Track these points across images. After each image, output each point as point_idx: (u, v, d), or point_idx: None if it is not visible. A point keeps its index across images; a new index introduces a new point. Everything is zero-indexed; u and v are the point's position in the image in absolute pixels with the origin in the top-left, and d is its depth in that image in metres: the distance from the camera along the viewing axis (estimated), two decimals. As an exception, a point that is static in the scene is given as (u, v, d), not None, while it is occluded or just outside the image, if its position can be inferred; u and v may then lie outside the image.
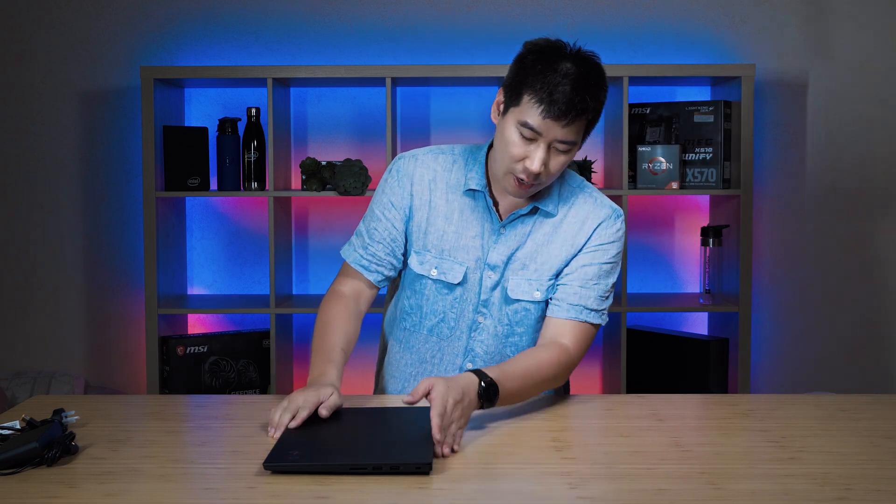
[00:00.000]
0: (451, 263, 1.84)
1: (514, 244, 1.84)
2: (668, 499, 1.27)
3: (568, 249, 1.84)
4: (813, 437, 1.57)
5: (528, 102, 1.68)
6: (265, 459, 1.38)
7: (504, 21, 3.24)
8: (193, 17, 3.25)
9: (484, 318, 1.86)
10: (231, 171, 3.08)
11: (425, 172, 1.87)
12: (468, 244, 1.84)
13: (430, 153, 1.90)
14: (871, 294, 3.29)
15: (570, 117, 1.66)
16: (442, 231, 1.85)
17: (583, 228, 1.84)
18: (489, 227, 1.84)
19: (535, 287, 1.84)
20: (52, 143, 3.28)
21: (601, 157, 3.26)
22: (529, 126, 1.68)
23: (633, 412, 1.73)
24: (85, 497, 1.28)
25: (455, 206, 1.85)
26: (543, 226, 1.84)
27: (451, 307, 1.86)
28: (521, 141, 1.71)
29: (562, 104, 1.65)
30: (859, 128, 3.26)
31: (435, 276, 1.85)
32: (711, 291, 3.08)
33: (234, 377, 3.11)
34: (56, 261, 3.30)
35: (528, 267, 1.84)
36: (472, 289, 1.85)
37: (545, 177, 1.73)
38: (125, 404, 1.84)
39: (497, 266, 1.84)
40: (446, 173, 1.87)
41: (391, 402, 1.80)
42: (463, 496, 1.29)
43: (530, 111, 1.68)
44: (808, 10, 3.24)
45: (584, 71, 1.68)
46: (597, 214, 1.85)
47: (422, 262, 1.86)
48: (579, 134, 1.71)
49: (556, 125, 1.67)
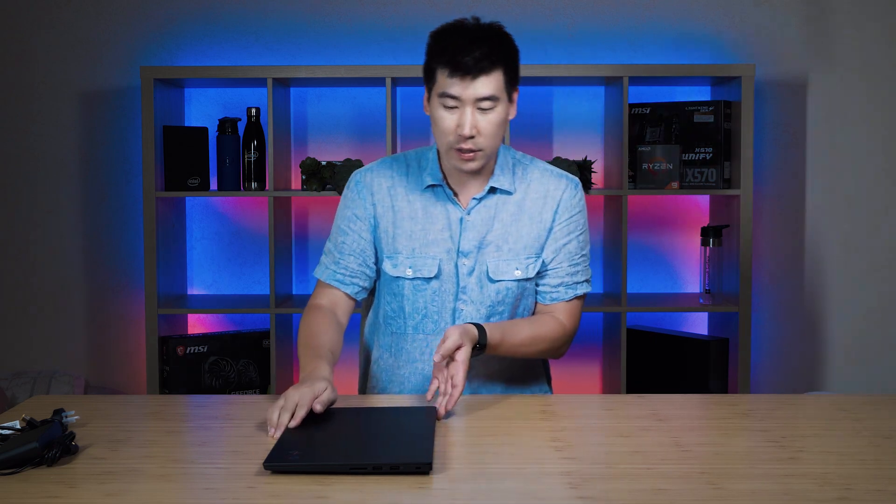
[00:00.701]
0: (424, 259, 1.90)
1: (483, 228, 1.90)
2: (668, 499, 1.27)
3: (538, 226, 1.92)
4: (813, 437, 1.57)
5: (440, 74, 1.77)
6: (265, 459, 1.38)
7: (504, 21, 3.21)
8: (193, 17, 3.25)
9: (465, 304, 1.91)
10: (231, 171, 3.08)
11: (382, 181, 1.93)
12: (437, 237, 1.90)
13: (383, 164, 1.97)
14: (871, 294, 3.29)
15: (476, 71, 1.74)
16: (409, 231, 1.90)
17: (546, 203, 1.92)
18: (454, 217, 1.90)
19: (515, 266, 1.91)
20: (52, 143, 3.28)
21: (601, 157, 3.26)
22: (448, 94, 1.76)
23: (633, 412, 1.73)
24: (85, 497, 1.28)
25: (418, 206, 1.91)
26: (507, 205, 1.91)
27: (430, 301, 1.91)
28: (447, 113, 1.78)
29: (464, 61, 1.74)
30: (859, 128, 3.26)
31: (410, 275, 1.90)
32: (711, 291, 3.08)
33: (234, 377, 3.11)
34: (56, 261, 3.30)
35: (503, 248, 1.91)
36: (449, 279, 1.90)
37: (483, 140, 1.79)
38: (125, 404, 1.84)
39: (470, 252, 1.90)
40: (403, 178, 1.93)
41: (391, 402, 1.81)
42: (463, 496, 1.29)
43: (443, 81, 1.76)
44: (808, 10, 3.24)
45: (481, 28, 1.79)
46: (556, 186, 1.93)
47: (395, 265, 1.91)
48: (498, 89, 1.77)
49: (467, 82, 1.75)
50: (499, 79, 1.77)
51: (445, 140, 1.80)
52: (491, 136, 1.80)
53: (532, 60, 3.21)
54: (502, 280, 1.91)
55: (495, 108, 1.78)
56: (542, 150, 3.26)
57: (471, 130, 1.76)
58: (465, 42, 1.75)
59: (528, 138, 3.24)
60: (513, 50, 1.82)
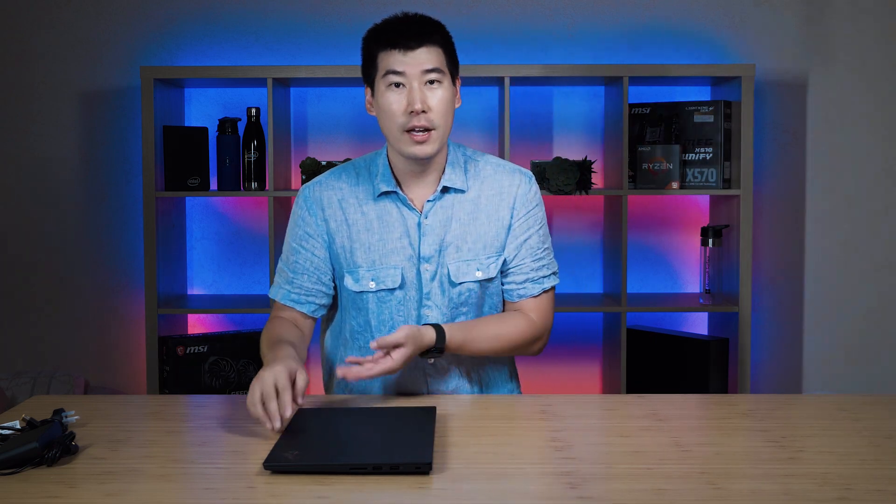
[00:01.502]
0: (386, 270, 1.87)
1: (441, 231, 1.87)
2: (668, 499, 1.27)
3: (496, 224, 1.90)
4: (813, 437, 1.57)
5: (382, 57, 1.79)
6: (265, 459, 1.38)
7: (504, 21, 3.24)
8: (193, 17, 3.25)
9: (429, 309, 1.88)
10: (231, 171, 3.08)
11: (332, 194, 1.90)
12: (395, 246, 1.87)
13: (331, 176, 1.94)
14: (871, 294, 3.29)
15: (416, 42, 1.77)
16: (367, 243, 1.87)
17: (503, 201, 1.90)
18: (412, 223, 1.87)
19: (476, 267, 1.89)
20: (52, 143, 3.28)
21: (601, 157, 3.26)
22: (393, 70, 1.77)
23: (633, 412, 1.73)
24: (85, 497, 1.28)
25: (372, 216, 1.88)
26: (464, 205, 1.89)
27: (396, 311, 1.88)
28: (395, 95, 1.78)
29: (403, 34, 1.77)
30: (859, 128, 3.26)
31: (374, 287, 1.87)
32: (711, 291, 3.08)
33: (234, 377, 3.11)
34: (56, 261, 3.30)
35: (462, 249, 1.88)
36: (412, 286, 1.88)
37: (435, 116, 1.79)
38: (125, 404, 1.84)
39: (432, 257, 1.87)
40: (353, 188, 1.90)
41: (391, 402, 1.80)
42: (463, 496, 1.29)
43: (385, 59, 1.79)
44: (808, 10, 3.24)
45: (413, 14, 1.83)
46: (510, 182, 1.92)
47: (357, 280, 1.88)
48: (441, 63, 1.79)
49: (411, 57, 1.77)
50: (440, 54, 1.80)
51: (396, 122, 1.79)
52: (442, 114, 1.79)
53: (532, 60, 3.21)
54: (464, 282, 1.88)
55: (443, 84, 1.79)
56: (542, 150, 3.26)
57: (422, 105, 1.76)
58: (400, 22, 1.80)
59: (528, 138, 3.24)
60: (447, 33, 1.85)
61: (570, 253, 3.27)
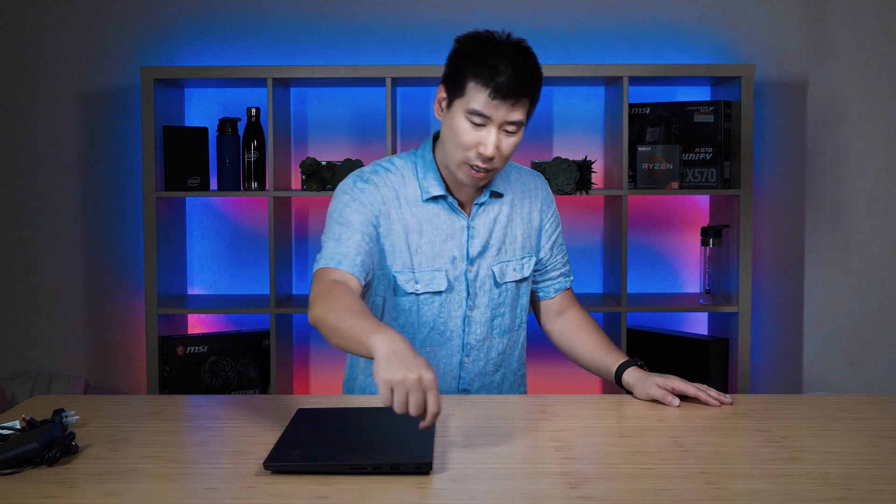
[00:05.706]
0: (432, 273, 1.87)
1: (485, 233, 1.91)
2: (668, 499, 1.27)
3: (528, 226, 1.97)
4: (813, 437, 1.57)
5: (474, 90, 1.74)
6: (265, 459, 1.38)
7: (504, 21, 3.23)
8: (193, 17, 3.25)
9: (472, 311, 1.91)
10: (231, 171, 3.08)
11: (386, 192, 1.86)
12: (442, 248, 1.88)
13: (376, 175, 1.87)
14: (871, 294, 3.29)
15: (515, 97, 1.73)
16: (417, 245, 1.87)
17: (532, 203, 1.98)
18: (459, 226, 1.89)
19: (513, 267, 1.95)
20: (52, 143, 3.28)
21: (601, 157, 3.26)
22: (478, 112, 1.74)
23: (633, 412, 1.73)
24: (85, 497, 1.28)
25: (422, 218, 1.87)
26: (502, 207, 1.94)
27: (438, 313, 1.89)
28: (471, 128, 1.76)
29: (506, 85, 1.72)
30: (859, 128, 3.26)
31: (420, 290, 1.87)
32: (711, 291, 3.08)
33: (234, 377, 3.11)
34: (56, 261, 3.30)
35: (503, 250, 1.93)
36: (459, 289, 1.89)
37: (499, 160, 1.79)
38: (125, 404, 1.84)
39: (476, 259, 1.91)
40: (402, 189, 1.88)
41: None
42: (463, 496, 1.29)
43: (477, 97, 1.74)
44: (808, 10, 3.24)
45: (521, 52, 1.76)
46: (534, 184, 2.00)
47: (407, 281, 1.86)
48: (525, 114, 1.78)
49: (503, 106, 1.73)
50: (527, 105, 1.78)
51: (462, 155, 1.78)
52: (507, 158, 1.81)
53: (532, 60, 3.21)
54: (506, 282, 1.94)
55: (518, 132, 1.79)
56: (542, 150, 3.26)
57: (493, 152, 1.75)
58: (510, 69, 1.72)
59: (528, 138, 3.24)
60: (541, 77, 1.81)
61: (570, 253, 3.26)
